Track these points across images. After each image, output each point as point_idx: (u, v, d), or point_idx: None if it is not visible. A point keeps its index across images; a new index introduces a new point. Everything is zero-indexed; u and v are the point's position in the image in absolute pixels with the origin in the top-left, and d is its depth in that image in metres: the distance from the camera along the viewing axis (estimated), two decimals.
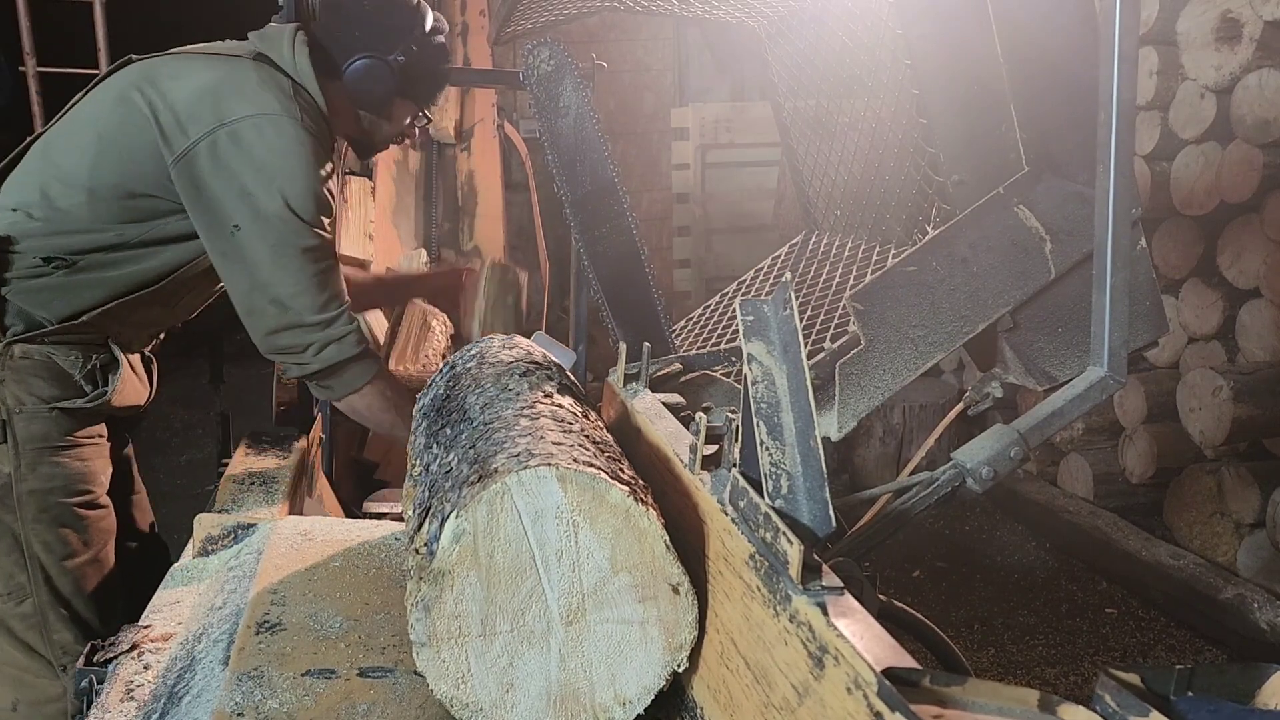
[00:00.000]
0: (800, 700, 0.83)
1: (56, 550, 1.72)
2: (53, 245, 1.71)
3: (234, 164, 1.67)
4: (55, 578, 1.73)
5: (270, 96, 1.70)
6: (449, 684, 0.99)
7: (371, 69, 1.82)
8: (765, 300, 1.04)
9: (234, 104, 1.68)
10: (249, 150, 1.67)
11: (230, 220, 1.68)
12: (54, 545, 1.72)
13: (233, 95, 1.69)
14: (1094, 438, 4.04)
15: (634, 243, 1.81)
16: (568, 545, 0.99)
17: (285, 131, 1.69)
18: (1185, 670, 0.73)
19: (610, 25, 5.39)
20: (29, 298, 1.71)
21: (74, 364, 1.74)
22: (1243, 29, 3.31)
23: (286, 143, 1.68)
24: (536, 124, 1.83)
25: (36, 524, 1.71)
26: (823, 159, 2.07)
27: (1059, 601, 3.54)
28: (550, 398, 1.24)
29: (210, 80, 1.72)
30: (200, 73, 1.73)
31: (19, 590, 1.72)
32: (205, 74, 1.73)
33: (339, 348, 1.76)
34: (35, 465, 1.71)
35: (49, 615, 1.73)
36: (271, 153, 1.68)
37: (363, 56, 1.82)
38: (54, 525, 1.72)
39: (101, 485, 1.80)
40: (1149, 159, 3.67)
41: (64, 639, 1.74)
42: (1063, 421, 1.25)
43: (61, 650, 1.74)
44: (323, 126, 1.78)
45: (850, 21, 1.81)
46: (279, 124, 1.69)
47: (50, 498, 1.72)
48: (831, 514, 0.93)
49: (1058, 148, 1.46)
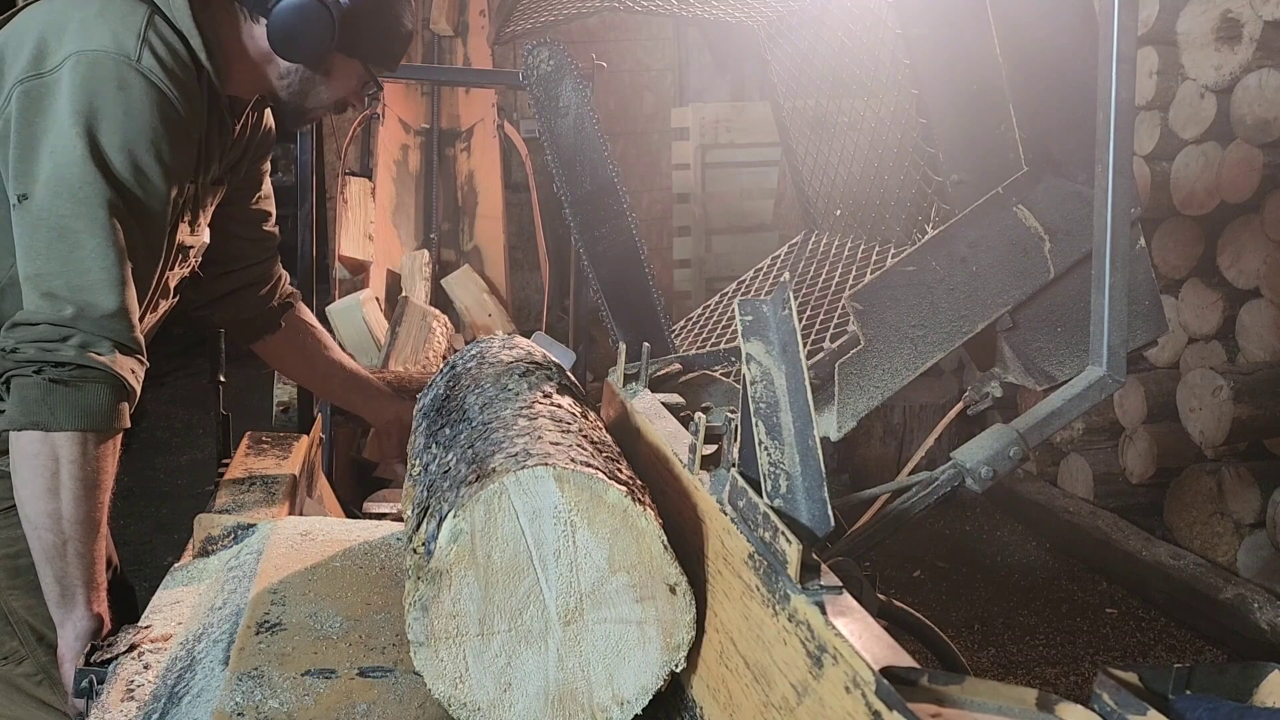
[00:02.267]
0: (799, 699, 0.83)
1: (40, 612, 1.48)
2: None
3: (38, 120, 1.32)
4: (47, 636, 1.51)
5: (103, 30, 1.34)
6: (447, 683, 0.99)
7: (303, 9, 1.45)
8: (764, 300, 1.04)
9: (58, 44, 1.34)
10: (58, 99, 1.32)
11: (18, 188, 1.33)
12: (36, 607, 1.49)
13: (60, 33, 1.35)
14: (1094, 438, 4.04)
15: (634, 243, 1.81)
16: (565, 545, 0.99)
17: (105, 72, 1.32)
18: (1184, 669, 0.73)
19: (610, 25, 5.38)
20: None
21: None
22: (1243, 29, 3.31)
23: (103, 85, 1.32)
24: (536, 124, 1.82)
25: (13, 590, 1.52)
26: (822, 159, 2.07)
27: (1059, 601, 3.54)
28: (549, 398, 1.24)
29: (41, 19, 1.38)
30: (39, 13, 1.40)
31: (14, 654, 1.55)
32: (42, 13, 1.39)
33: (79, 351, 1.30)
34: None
35: (51, 672, 1.53)
36: (80, 97, 1.31)
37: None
38: (31, 587, 1.47)
39: None
40: (1149, 159, 3.67)
41: None
42: (1062, 421, 1.26)
43: None
44: (184, 72, 1.40)
45: (850, 21, 1.81)
46: (98, 61, 1.32)
47: (19, 561, 1.48)
48: (830, 513, 0.93)
49: (1057, 148, 1.46)
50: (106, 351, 1.33)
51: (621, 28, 5.44)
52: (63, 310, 1.31)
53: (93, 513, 1.36)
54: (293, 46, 1.49)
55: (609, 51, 4.68)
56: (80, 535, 1.35)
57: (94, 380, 1.32)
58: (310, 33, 1.48)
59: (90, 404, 1.32)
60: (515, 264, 5.12)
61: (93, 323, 1.32)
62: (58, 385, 1.30)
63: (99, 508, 1.37)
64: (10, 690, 1.59)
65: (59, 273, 1.32)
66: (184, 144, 1.42)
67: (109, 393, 1.33)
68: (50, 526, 1.34)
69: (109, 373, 1.33)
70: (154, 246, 1.44)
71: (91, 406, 1.32)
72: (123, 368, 1.34)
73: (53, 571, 1.37)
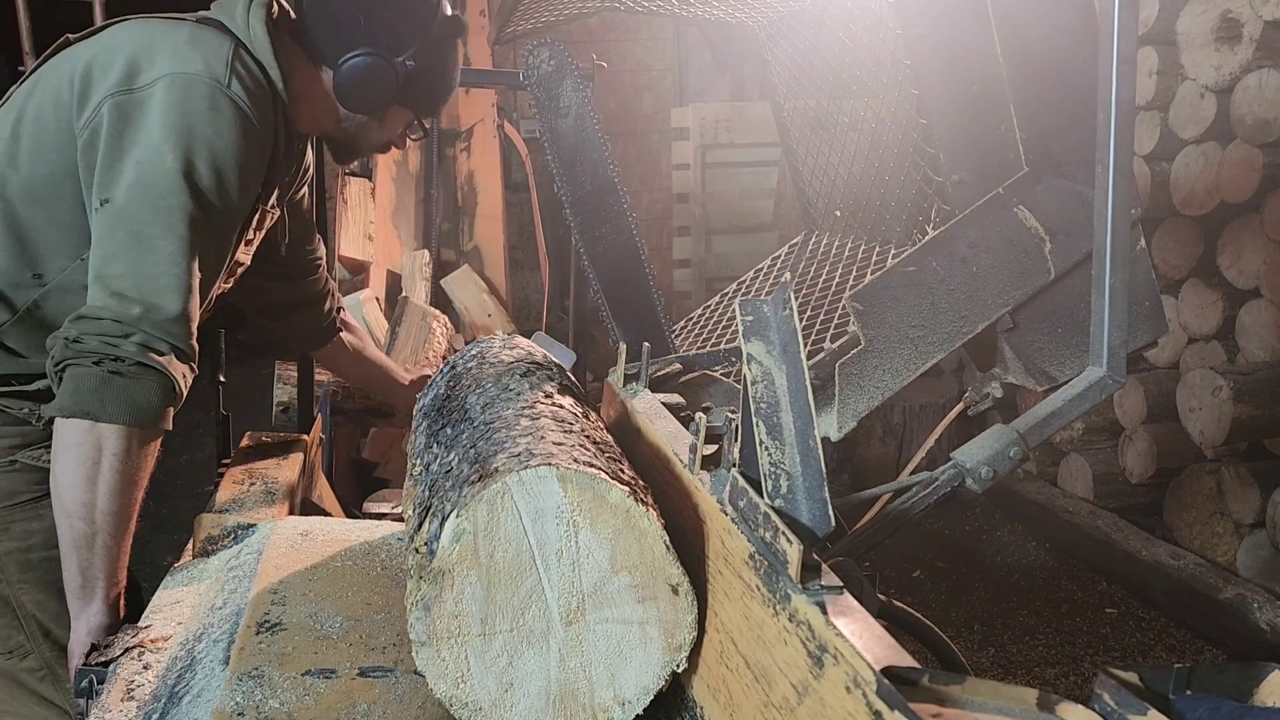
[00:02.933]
0: (800, 699, 0.83)
1: (49, 606, 1.56)
2: None
3: (128, 131, 1.38)
4: (54, 632, 1.58)
5: (195, 55, 1.42)
6: (448, 683, 0.99)
7: (373, 69, 1.55)
8: (765, 300, 1.04)
9: (149, 64, 1.41)
10: (149, 114, 1.38)
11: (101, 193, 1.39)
12: (46, 602, 1.57)
13: (151, 54, 1.42)
14: (1094, 438, 4.04)
15: (634, 243, 1.81)
16: (568, 545, 0.99)
17: (200, 94, 1.39)
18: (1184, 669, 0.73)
19: (610, 25, 5.39)
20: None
21: (29, 413, 1.55)
22: (1243, 29, 3.31)
23: (198, 105, 1.39)
24: (536, 124, 1.82)
25: (23, 584, 1.57)
26: (823, 159, 2.07)
27: (1059, 601, 3.54)
28: (551, 398, 1.24)
29: (135, 40, 1.45)
30: (128, 35, 1.47)
31: (20, 648, 1.59)
32: (133, 36, 1.46)
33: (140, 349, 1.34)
34: (8, 525, 1.55)
35: (55, 668, 1.59)
36: (175, 115, 1.38)
37: (364, 53, 1.54)
38: (41, 582, 1.56)
39: None
40: (1149, 159, 3.67)
41: None
42: (1062, 421, 1.26)
43: None
44: (265, 101, 1.48)
45: (850, 21, 1.81)
46: (193, 83, 1.39)
47: (31, 555, 1.56)
48: (831, 513, 0.93)
49: (1058, 148, 1.46)
50: (165, 352, 1.36)
51: (621, 28, 5.44)
52: (130, 309, 1.35)
53: (126, 508, 1.38)
54: (357, 99, 1.59)
55: (609, 51, 4.68)
56: (111, 529, 1.37)
57: (149, 378, 1.35)
58: (376, 89, 1.58)
59: (142, 400, 1.35)
60: (515, 264, 5.12)
61: (156, 324, 1.36)
62: (114, 377, 1.33)
63: (133, 504, 1.39)
64: (12, 685, 1.60)
65: (130, 274, 1.36)
66: (260, 167, 1.51)
67: (160, 392, 1.37)
68: (84, 516, 1.36)
69: (164, 373, 1.36)
70: (220, 260, 1.50)
71: (142, 402, 1.35)
72: (176, 371, 1.38)
73: (78, 561, 1.38)
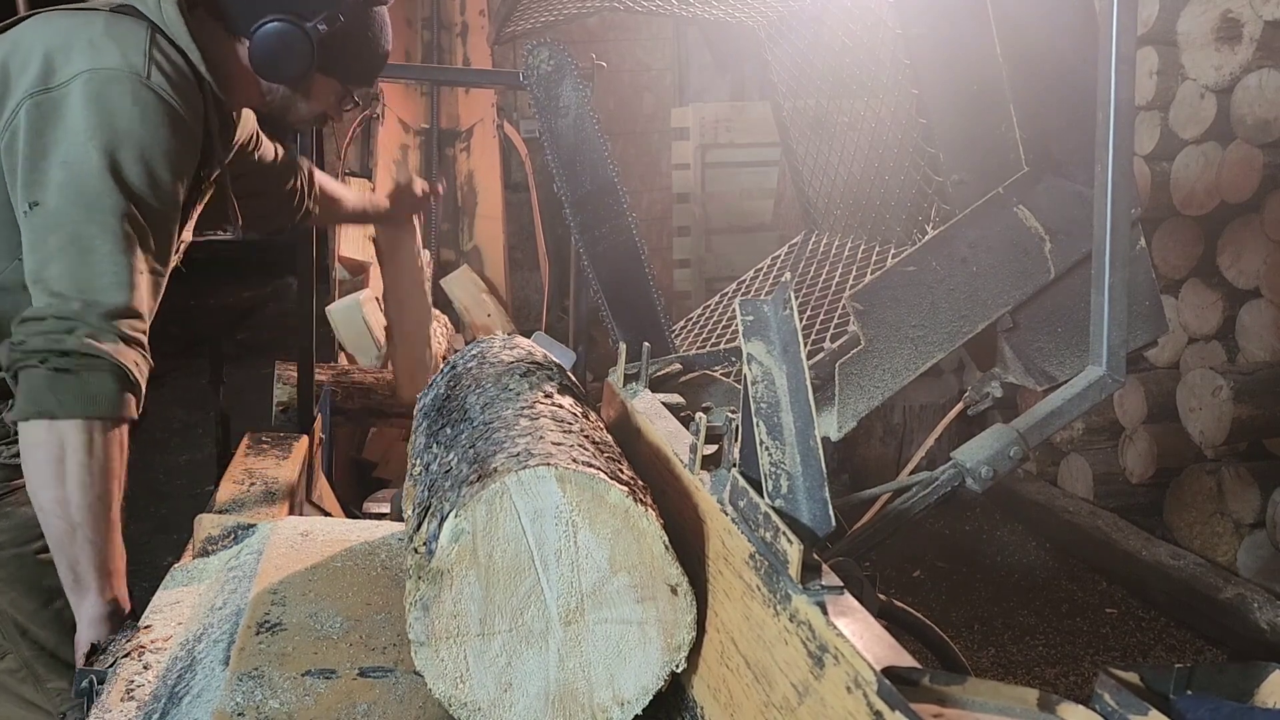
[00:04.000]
0: (800, 699, 0.83)
1: (24, 605, 1.57)
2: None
3: (49, 131, 1.37)
4: (31, 630, 1.58)
5: (112, 49, 1.40)
6: (447, 683, 0.99)
7: (283, 36, 1.52)
8: (765, 300, 1.04)
9: (65, 60, 1.39)
10: (70, 113, 1.37)
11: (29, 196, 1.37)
12: (20, 601, 1.57)
13: (66, 50, 1.40)
14: (1094, 438, 4.04)
15: (634, 243, 1.81)
16: (566, 545, 0.99)
17: (121, 89, 1.38)
18: (1184, 669, 0.73)
19: (610, 25, 5.39)
20: None
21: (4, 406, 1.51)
22: (1243, 29, 3.31)
23: (119, 102, 1.37)
24: (536, 124, 1.82)
25: None
26: (823, 159, 2.07)
27: (1059, 601, 3.54)
28: (550, 398, 1.24)
29: (46, 35, 1.43)
30: (40, 32, 1.44)
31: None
32: (45, 30, 1.44)
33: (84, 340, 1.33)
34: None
35: (35, 667, 1.60)
36: (97, 113, 1.37)
37: (274, 18, 1.52)
38: (15, 580, 1.57)
39: None
40: (1149, 159, 3.67)
41: (58, 685, 1.60)
42: (1062, 421, 1.26)
43: (58, 696, 1.61)
44: (188, 88, 1.46)
45: (850, 21, 1.81)
46: (115, 80, 1.38)
47: (3, 552, 1.56)
48: (831, 513, 0.93)
49: (1058, 148, 1.46)
50: (110, 341, 1.35)
51: (621, 28, 5.44)
52: (69, 305, 1.34)
53: (102, 500, 1.37)
54: (273, 69, 1.56)
55: (609, 51, 4.68)
56: (89, 522, 1.36)
57: (98, 369, 1.34)
58: (289, 57, 1.55)
59: (94, 391, 1.34)
60: (515, 264, 5.12)
61: (99, 316, 1.35)
62: (62, 374, 1.33)
63: (108, 495, 1.38)
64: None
65: (68, 274, 1.35)
66: (191, 154, 1.48)
67: (112, 381, 1.35)
68: (59, 514, 1.36)
69: (112, 361, 1.35)
70: (165, 249, 1.48)
71: (95, 394, 1.34)
72: (126, 358, 1.36)
73: (65, 559, 1.38)
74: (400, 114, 4.76)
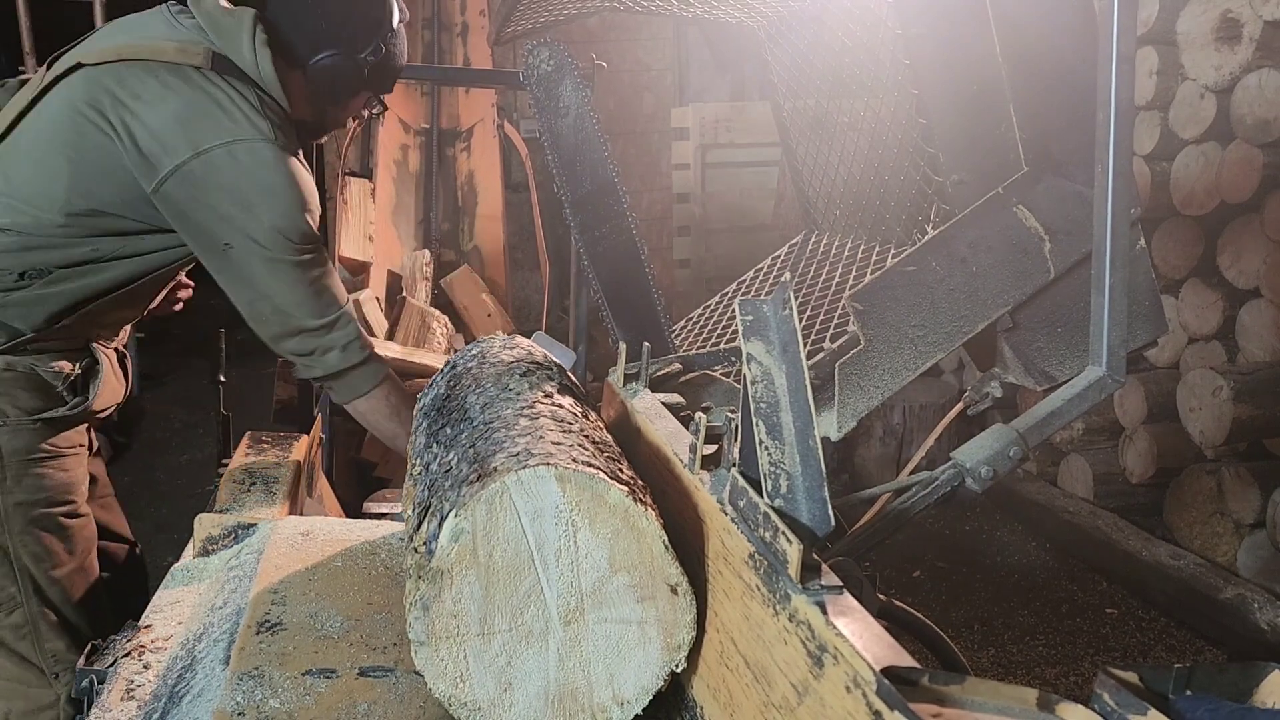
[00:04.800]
0: (800, 699, 0.83)
1: (45, 561, 1.73)
2: (28, 261, 1.67)
3: (212, 193, 1.62)
4: (45, 587, 1.74)
5: (241, 117, 1.63)
6: (447, 683, 0.99)
7: (341, 69, 1.74)
8: (765, 300, 1.04)
9: (205, 130, 1.61)
10: (226, 178, 1.61)
11: (220, 240, 1.65)
12: (42, 556, 1.73)
13: (202, 119, 1.62)
14: (1094, 438, 4.04)
15: (634, 243, 1.81)
16: (566, 545, 0.99)
17: (261, 156, 1.62)
18: (1184, 669, 0.73)
19: (610, 25, 5.39)
20: (6, 311, 1.68)
21: (56, 375, 1.73)
22: (1243, 29, 3.31)
23: (263, 168, 1.63)
24: (536, 124, 1.82)
25: (24, 535, 1.72)
26: (823, 159, 2.07)
27: (1059, 601, 3.54)
28: (550, 398, 1.24)
29: (179, 104, 1.62)
30: (166, 95, 1.63)
31: (9, 601, 1.73)
32: (171, 96, 1.63)
33: (342, 355, 1.75)
34: (20, 478, 1.71)
35: (40, 625, 1.74)
36: (249, 179, 1.62)
37: (331, 54, 1.73)
38: (41, 536, 1.73)
39: (82, 495, 1.82)
40: (1149, 159, 3.67)
41: (55, 647, 1.75)
42: (1062, 421, 1.26)
43: (53, 658, 1.75)
44: (291, 133, 1.71)
45: (850, 21, 1.81)
46: (254, 149, 1.62)
47: (36, 509, 1.72)
48: (830, 513, 0.93)
49: (1057, 148, 1.46)
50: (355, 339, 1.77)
51: (621, 28, 5.44)
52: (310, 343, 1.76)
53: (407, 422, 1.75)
54: (331, 95, 1.79)
55: (609, 51, 4.68)
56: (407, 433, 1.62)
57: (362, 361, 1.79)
58: (344, 84, 1.78)
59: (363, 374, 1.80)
60: (515, 264, 5.12)
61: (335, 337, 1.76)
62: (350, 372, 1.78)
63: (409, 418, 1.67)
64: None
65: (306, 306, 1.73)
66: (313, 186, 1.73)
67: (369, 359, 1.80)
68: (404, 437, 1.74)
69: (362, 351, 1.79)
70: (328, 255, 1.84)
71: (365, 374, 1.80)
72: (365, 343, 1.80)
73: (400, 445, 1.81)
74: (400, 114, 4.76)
